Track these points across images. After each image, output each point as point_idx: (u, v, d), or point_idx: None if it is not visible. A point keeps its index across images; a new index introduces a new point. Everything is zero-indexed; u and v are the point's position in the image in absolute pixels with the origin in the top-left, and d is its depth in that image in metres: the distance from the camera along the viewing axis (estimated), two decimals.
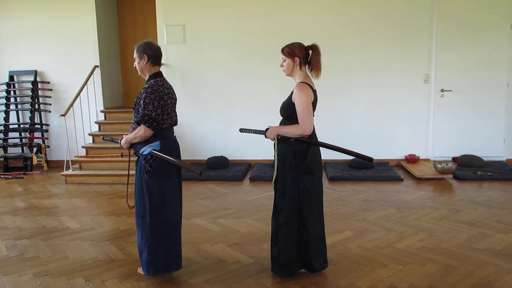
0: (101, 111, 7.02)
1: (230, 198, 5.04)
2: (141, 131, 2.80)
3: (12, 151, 7.15)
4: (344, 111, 6.63)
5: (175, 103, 2.99)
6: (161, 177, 2.85)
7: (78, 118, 6.49)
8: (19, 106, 7.18)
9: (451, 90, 6.46)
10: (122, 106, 7.75)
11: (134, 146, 2.93)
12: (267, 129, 2.93)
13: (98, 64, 6.93)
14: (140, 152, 2.86)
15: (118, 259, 3.34)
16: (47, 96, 7.09)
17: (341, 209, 4.45)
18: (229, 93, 6.79)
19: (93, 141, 6.69)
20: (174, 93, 3.01)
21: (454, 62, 6.40)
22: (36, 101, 7.06)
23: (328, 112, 6.67)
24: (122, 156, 6.13)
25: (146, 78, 2.94)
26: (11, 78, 7.15)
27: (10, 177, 6.43)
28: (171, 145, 2.94)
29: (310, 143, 2.81)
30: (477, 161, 6.16)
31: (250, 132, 3.18)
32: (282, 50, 2.96)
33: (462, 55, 6.38)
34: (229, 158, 6.70)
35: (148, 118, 2.76)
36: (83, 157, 6.33)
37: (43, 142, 7.07)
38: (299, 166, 2.79)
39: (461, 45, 6.35)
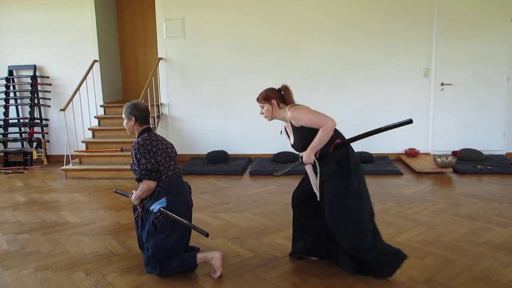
0: (101, 106, 7.01)
1: (230, 192, 5.04)
2: (145, 186, 2.83)
3: (12, 146, 7.15)
4: (344, 104, 6.62)
5: (170, 153, 2.98)
6: (169, 232, 2.85)
7: (78, 113, 6.48)
8: (18, 101, 7.17)
9: (451, 84, 6.45)
10: (122, 100, 7.74)
11: (143, 201, 2.95)
12: (301, 157, 2.86)
13: (97, 58, 6.91)
14: (150, 209, 2.87)
15: (119, 253, 3.34)
16: (46, 91, 7.08)
17: None
18: (229, 87, 6.78)
19: (93, 136, 6.68)
20: (168, 145, 3.01)
21: (454, 55, 6.38)
22: (36, 96, 7.05)
23: (327, 105, 6.64)
24: (122, 150, 6.16)
25: (136, 136, 3.00)
26: (10, 73, 7.14)
27: (10, 171, 6.44)
28: (179, 199, 2.92)
29: (347, 142, 2.81)
30: (477, 155, 6.16)
31: (286, 170, 3.13)
32: (257, 99, 3.02)
33: (462, 49, 6.36)
34: (229, 153, 6.69)
35: (145, 171, 2.80)
36: (83, 151, 6.33)
37: (43, 136, 7.07)
38: (346, 170, 2.75)
39: (461, 38, 6.33)
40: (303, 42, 6.54)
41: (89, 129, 6.70)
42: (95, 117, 6.88)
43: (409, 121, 2.66)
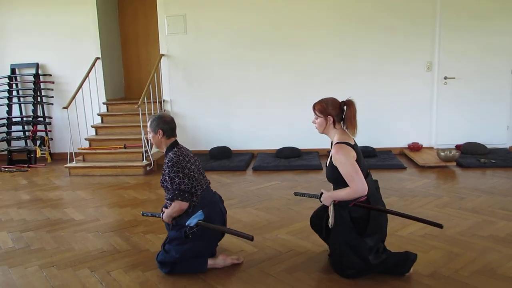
0: (104, 103, 7.02)
1: (234, 188, 5.05)
2: (177, 206, 2.81)
3: (16, 144, 7.18)
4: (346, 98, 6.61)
5: (199, 166, 2.98)
6: (198, 241, 2.86)
7: (81, 111, 6.49)
8: (21, 99, 7.19)
9: (454, 78, 6.43)
10: (124, 98, 7.75)
11: (175, 218, 2.93)
12: (321, 194, 2.76)
13: (99, 56, 6.91)
14: (186, 224, 2.85)
15: (123, 249, 3.36)
16: (49, 89, 7.09)
17: None
18: (231, 83, 6.78)
19: (96, 133, 6.70)
20: (196, 157, 3.02)
21: (458, 49, 6.35)
22: (38, 94, 7.06)
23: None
24: (125, 147, 6.17)
25: (164, 150, 2.96)
26: (12, 71, 7.15)
27: (14, 170, 6.47)
28: (213, 210, 2.91)
29: (370, 208, 2.64)
30: (481, 149, 6.14)
31: (305, 196, 3.07)
32: (314, 108, 2.72)
33: (465, 42, 6.32)
34: (232, 148, 6.70)
35: (179, 192, 2.77)
36: (87, 149, 6.35)
37: (46, 134, 7.10)
38: (360, 231, 2.64)
39: (464, 31, 6.30)
40: (306, 37, 6.52)
41: (92, 126, 6.72)
42: (98, 114, 6.89)
43: (440, 226, 2.59)
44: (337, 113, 2.68)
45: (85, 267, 3.06)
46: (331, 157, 2.68)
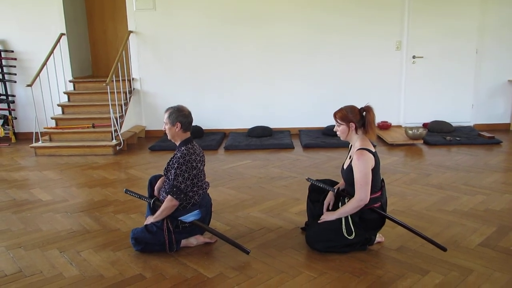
0: (70, 81, 6.79)
1: (205, 167, 5.00)
2: (168, 203, 2.79)
3: None
4: (317, 76, 6.64)
5: (204, 164, 3.01)
6: (187, 234, 2.94)
7: (46, 89, 6.26)
8: None
9: (422, 57, 6.54)
10: (92, 75, 7.53)
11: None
12: (336, 190, 2.90)
13: (65, 32, 6.64)
14: (181, 219, 2.85)
15: (93, 230, 3.31)
16: (11, 66, 6.80)
17: (315, 175, 4.50)
18: (202, 60, 6.67)
19: (63, 112, 6.50)
20: (204, 156, 3.03)
21: (426, 29, 6.45)
22: (0, 71, 6.76)
23: (300, 77, 6.67)
24: (93, 127, 6.03)
25: (177, 143, 2.93)
26: None
27: None
28: (208, 212, 3.02)
29: (381, 214, 2.76)
30: (446, 127, 6.32)
31: (320, 185, 3.01)
32: (334, 116, 2.79)
33: (433, 22, 6.42)
34: (203, 128, 6.65)
35: (176, 189, 2.78)
36: (53, 128, 6.16)
37: (10, 113, 6.84)
38: (363, 227, 2.74)
39: (433, 12, 6.38)
40: (278, 12, 6.46)
41: (58, 105, 6.50)
42: (64, 92, 6.67)
43: (444, 249, 2.71)
44: (358, 119, 2.73)
45: (54, 248, 3.00)
46: (351, 160, 2.74)
